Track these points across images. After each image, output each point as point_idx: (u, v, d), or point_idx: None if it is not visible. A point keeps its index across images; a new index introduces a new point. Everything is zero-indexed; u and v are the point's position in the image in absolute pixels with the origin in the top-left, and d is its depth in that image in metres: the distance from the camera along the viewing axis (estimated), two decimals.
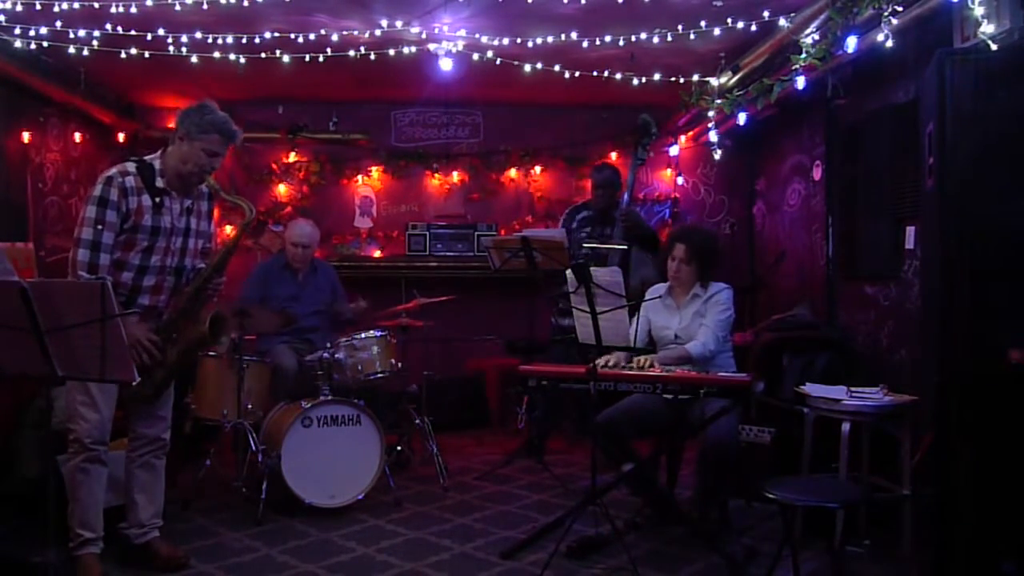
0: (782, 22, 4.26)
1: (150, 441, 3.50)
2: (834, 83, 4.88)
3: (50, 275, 5.12)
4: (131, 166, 3.34)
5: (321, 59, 4.82)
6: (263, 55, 4.77)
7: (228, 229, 6.83)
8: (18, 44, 4.45)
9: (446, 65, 4.79)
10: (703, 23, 4.41)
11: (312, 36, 4.61)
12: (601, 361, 3.71)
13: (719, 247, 4.07)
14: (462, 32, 4.65)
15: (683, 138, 6.86)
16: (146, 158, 3.40)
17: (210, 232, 3.61)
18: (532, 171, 7.02)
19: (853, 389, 3.64)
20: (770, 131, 6.42)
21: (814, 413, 3.74)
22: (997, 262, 2.85)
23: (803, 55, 4.14)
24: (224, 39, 4.59)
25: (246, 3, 4.13)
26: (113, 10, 4.17)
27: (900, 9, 3.53)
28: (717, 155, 5.74)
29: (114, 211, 3.24)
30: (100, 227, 3.22)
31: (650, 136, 5.07)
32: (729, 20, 4.34)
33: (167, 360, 3.34)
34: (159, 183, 3.34)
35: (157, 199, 3.33)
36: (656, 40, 4.63)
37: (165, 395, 3.51)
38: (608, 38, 4.66)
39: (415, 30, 4.58)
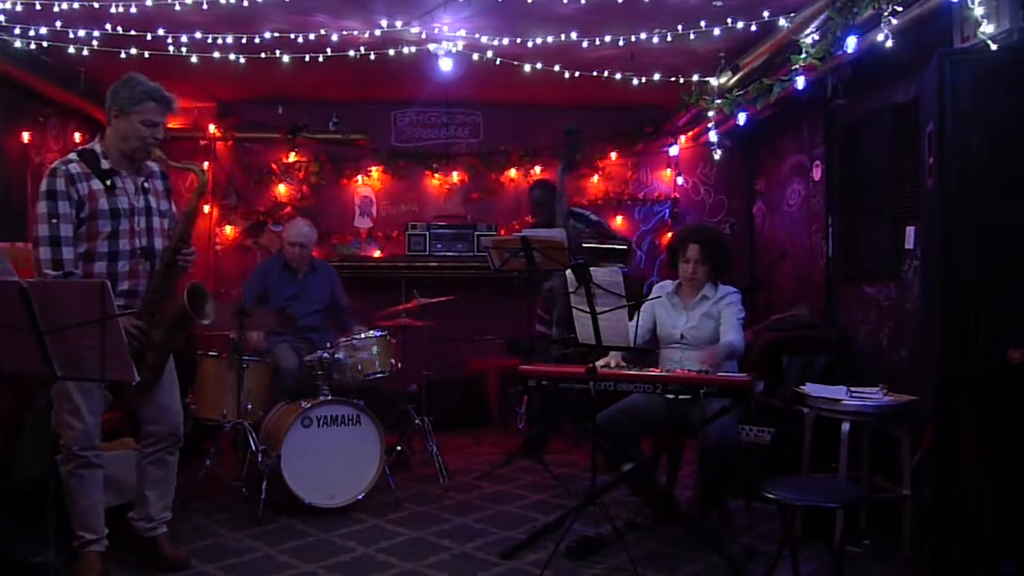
0: (782, 22, 4.26)
1: (163, 437, 3.47)
2: (834, 83, 4.87)
3: None
4: (72, 155, 3.27)
5: (321, 59, 4.82)
6: (263, 55, 4.77)
7: (228, 230, 6.84)
8: (18, 44, 4.45)
9: (446, 65, 4.79)
10: (703, 23, 4.41)
11: (312, 36, 4.61)
12: (600, 363, 3.71)
13: (729, 245, 4.06)
14: (462, 32, 4.65)
15: (683, 138, 6.86)
16: (86, 146, 3.33)
17: (171, 211, 3.51)
18: (532, 171, 7.02)
19: (853, 389, 3.64)
20: (770, 131, 6.42)
21: (814, 413, 3.74)
22: (997, 262, 2.85)
23: (803, 55, 4.14)
24: (224, 39, 4.59)
25: (246, 3, 4.13)
26: (113, 10, 4.17)
27: (900, 9, 3.53)
28: (717, 155, 5.74)
29: (65, 201, 3.16)
30: (55, 220, 3.14)
31: (578, 143, 5.11)
32: (729, 20, 4.34)
33: (155, 342, 3.29)
34: (104, 164, 3.27)
35: (107, 181, 3.25)
36: (656, 40, 4.63)
37: (167, 385, 3.45)
38: (608, 38, 4.66)
39: (415, 30, 4.58)
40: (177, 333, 3.41)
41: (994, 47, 3.07)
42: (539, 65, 4.96)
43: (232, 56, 4.75)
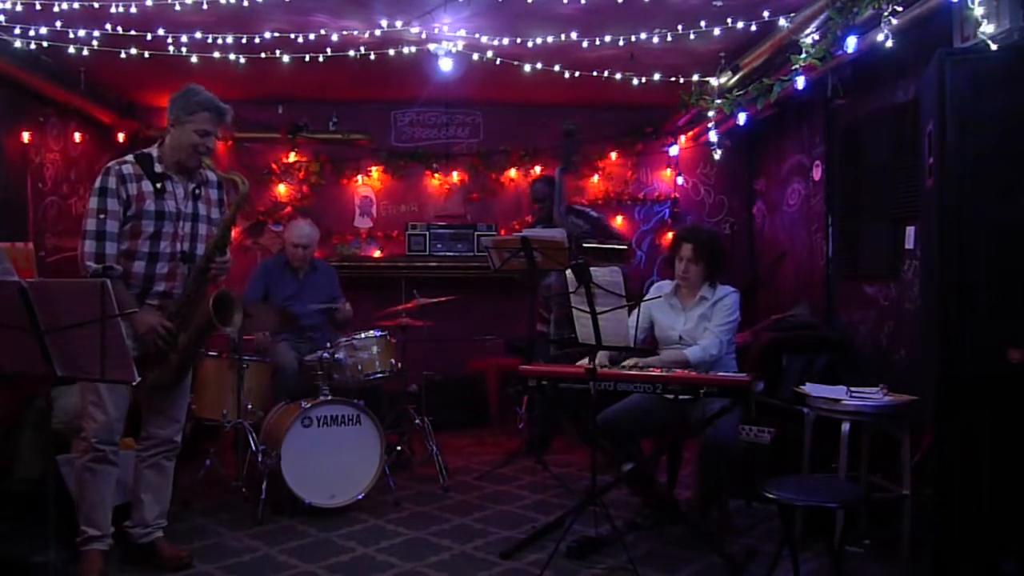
0: (782, 22, 4.26)
1: (162, 442, 3.50)
2: (834, 83, 4.87)
3: (50, 275, 5.12)
4: (129, 157, 3.37)
5: (321, 59, 4.82)
6: (263, 55, 4.77)
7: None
8: (18, 44, 4.45)
9: (446, 65, 4.80)
10: (703, 23, 4.41)
11: (312, 36, 4.61)
12: (583, 362, 3.70)
13: (724, 246, 4.07)
14: (462, 32, 4.65)
15: (683, 138, 6.86)
16: (144, 150, 3.43)
17: (220, 221, 3.59)
18: (532, 171, 7.02)
19: (853, 389, 3.64)
20: (770, 131, 6.42)
21: (814, 413, 3.74)
22: (997, 262, 2.85)
23: (803, 55, 4.14)
24: (224, 39, 4.59)
25: (246, 3, 4.13)
26: (113, 10, 4.17)
27: (900, 9, 3.53)
28: (717, 155, 5.74)
29: (115, 199, 3.25)
30: (103, 216, 3.23)
31: (575, 143, 5.13)
32: (729, 20, 4.34)
33: (180, 345, 3.34)
34: (158, 168, 3.36)
35: (158, 184, 3.34)
36: (656, 40, 4.63)
37: (179, 396, 3.51)
38: (608, 38, 4.66)
39: (415, 30, 4.58)
40: (201, 339, 3.45)
41: (994, 47, 3.07)
42: (539, 65, 4.96)
43: (232, 56, 4.75)
